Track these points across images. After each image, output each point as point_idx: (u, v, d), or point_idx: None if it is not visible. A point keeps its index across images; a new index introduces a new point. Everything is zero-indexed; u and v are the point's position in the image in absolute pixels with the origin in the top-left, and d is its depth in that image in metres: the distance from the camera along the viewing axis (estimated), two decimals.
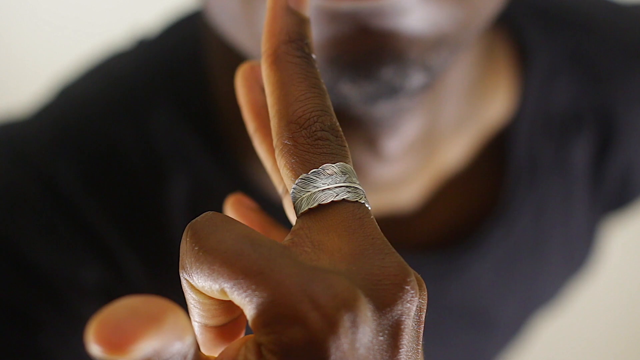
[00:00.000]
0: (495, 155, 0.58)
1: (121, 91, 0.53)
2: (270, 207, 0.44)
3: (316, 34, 0.40)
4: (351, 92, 0.42)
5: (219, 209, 0.38)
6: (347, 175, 0.29)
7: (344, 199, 0.28)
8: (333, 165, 0.29)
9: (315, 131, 0.29)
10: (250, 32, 0.42)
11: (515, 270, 0.61)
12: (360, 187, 0.29)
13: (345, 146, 0.29)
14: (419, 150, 0.53)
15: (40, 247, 0.49)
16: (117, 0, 1.29)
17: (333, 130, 0.29)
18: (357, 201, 0.28)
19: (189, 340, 0.24)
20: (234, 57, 0.47)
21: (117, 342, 0.22)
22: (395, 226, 0.56)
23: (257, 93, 0.34)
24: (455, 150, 0.57)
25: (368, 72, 0.40)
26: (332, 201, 0.28)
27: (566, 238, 0.63)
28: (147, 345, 0.23)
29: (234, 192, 0.52)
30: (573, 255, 0.65)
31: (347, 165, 0.29)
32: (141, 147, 0.52)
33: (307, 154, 0.29)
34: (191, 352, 0.25)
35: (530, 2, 0.59)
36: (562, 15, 0.61)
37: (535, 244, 0.61)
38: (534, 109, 0.58)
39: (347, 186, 0.28)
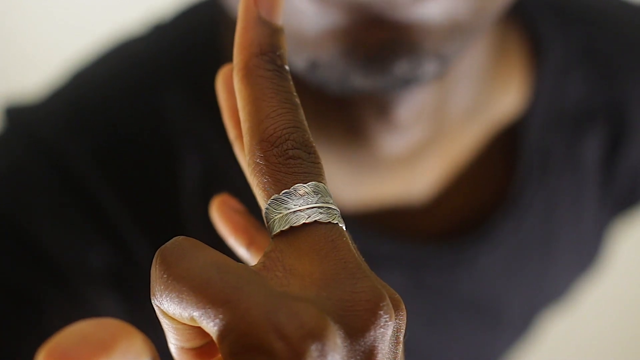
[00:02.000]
0: (507, 148, 0.58)
1: (136, 74, 0.53)
2: None
3: (329, 24, 0.39)
4: (363, 85, 0.41)
5: (230, 193, 0.38)
6: (320, 195, 0.28)
7: (315, 220, 0.28)
8: (305, 185, 0.28)
9: (286, 149, 0.28)
10: None
11: (524, 264, 0.61)
12: (333, 207, 0.28)
13: (318, 163, 0.29)
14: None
15: (50, 230, 0.49)
16: None
17: (306, 147, 0.28)
18: (329, 222, 0.28)
19: None
20: None
21: None
22: (405, 216, 0.56)
23: None
24: (466, 140, 0.56)
25: (381, 66, 0.40)
26: (304, 223, 0.28)
27: (576, 235, 0.63)
28: None
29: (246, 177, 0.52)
30: (582, 252, 0.65)
31: (320, 185, 0.28)
32: (155, 130, 0.52)
33: (279, 174, 0.28)
34: None
35: None
36: (576, 10, 0.61)
37: (545, 239, 0.60)
38: (547, 103, 0.58)
39: (319, 207, 0.28)
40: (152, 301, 0.27)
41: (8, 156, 0.51)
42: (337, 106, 0.50)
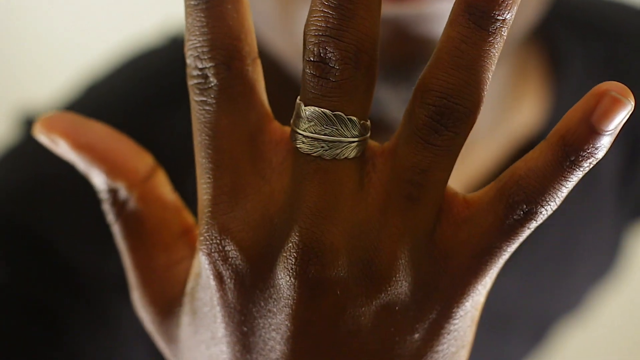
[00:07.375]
0: None
1: (152, 87, 0.54)
2: None
3: None
4: (389, 96, 0.41)
5: None
6: (313, 123, 0.26)
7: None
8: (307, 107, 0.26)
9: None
10: (286, 36, 0.41)
11: (541, 279, 0.60)
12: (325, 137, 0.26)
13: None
14: None
15: (70, 240, 0.50)
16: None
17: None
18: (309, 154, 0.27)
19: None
20: (266, 61, 0.47)
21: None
22: None
23: None
24: (484, 156, 0.56)
25: (406, 76, 0.40)
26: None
27: (593, 246, 0.62)
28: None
29: None
30: (599, 262, 0.65)
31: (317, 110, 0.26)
32: (168, 141, 0.52)
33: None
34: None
35: (562, 10, 0.59)
36: (594, 22, 0.61)
37: (563, 253, 0.60)
38: None
39: (305, 136, 0.27)
40: None
41: (28, 167, 0.52)
42: None
